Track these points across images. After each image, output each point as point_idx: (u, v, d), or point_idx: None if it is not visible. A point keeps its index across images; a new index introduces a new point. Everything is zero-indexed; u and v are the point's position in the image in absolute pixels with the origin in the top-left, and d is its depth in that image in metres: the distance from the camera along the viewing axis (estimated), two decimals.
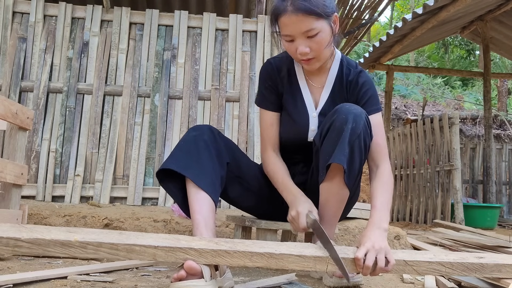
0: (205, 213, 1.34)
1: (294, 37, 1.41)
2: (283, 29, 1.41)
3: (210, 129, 1.46)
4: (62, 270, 1.38)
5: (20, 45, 2.97)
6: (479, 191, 6.61)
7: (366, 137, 1.36)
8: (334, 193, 1.40)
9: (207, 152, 1.40)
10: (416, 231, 3.80)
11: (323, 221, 1.44)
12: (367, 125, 1.37)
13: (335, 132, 1.34)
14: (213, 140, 1.43)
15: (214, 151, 1.42)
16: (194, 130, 1.44)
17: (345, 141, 1.32)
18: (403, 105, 10.90)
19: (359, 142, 1.34)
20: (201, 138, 1.41)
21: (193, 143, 1.40)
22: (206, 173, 1.38)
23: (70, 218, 2.18)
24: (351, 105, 1.40)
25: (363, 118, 1.35)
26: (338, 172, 1.36)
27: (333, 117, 1.37)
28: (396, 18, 16.13)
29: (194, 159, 1.38)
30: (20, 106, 1.63)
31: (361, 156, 1.36)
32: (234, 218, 1.74)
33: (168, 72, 3.06)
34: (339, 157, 1.31)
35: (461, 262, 1.21)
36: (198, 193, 1.35)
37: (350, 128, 1.32)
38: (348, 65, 1.58)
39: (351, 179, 1.37)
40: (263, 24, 3.17)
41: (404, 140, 5.67)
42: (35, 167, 2.83)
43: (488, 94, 6.45)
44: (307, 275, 1.59)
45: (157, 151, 2.95)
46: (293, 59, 1.58)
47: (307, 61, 1.44)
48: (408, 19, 5.24)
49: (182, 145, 1.40)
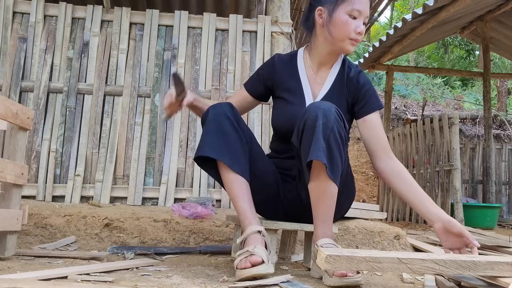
0: (247, 198, 1.47)
1: (360, 15, 1.52)
2: (356, 3, 1.51)
3: (230, 105, 1.53)
4: (62, 270, 1.38)
5: (21, 45, 2.97)
6: (479, 191, 6.61)
7: (340, 129, 1.39)
8: (322, 191, 1.42)
9: (232, 130, 1.47)
10: (416, 231, 3.80)
11: (319, 221, 1.45)
12: (338, 118, 1.40)
13: (309, 130, 1.38)
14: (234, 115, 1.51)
15: (238, 126, 1.50)
16: (215, 108, 1.50)
17: (318, 136, 1.35)
18: (403, 105, 10.90)
19: (334, 135, 1.37)
20: (224, 116, 1.48)
21: (219, 123, 1.47)
22: (238, 155, 1.46)
23: (70, 218, 2.19)
24: (320, 102, 1.45)
25: (333, 112, 1.38)
26: (320, 170, 1.39)
27: (304, 117, 1.41)
28: (396, 18, 16.14)
29: (224, 141, 1.45)
30: (20, 106, 1.63)
31: (340, 148, 1.39)
32: (234, 218, 1.75)
33: (168, 72, 3.06)
34: (316, 153, 1.34)
35: (454, 260, 1.23)
36: (236, 179, 1.45)
37: (322, 124, 1.36)
38: (349, 64, 1.67)
39: (335, 172, 1.39)
40: (263, 24, 3.17)
41: (403, 140, 5.68)
42: (35, 167, 2.83)
43: (487, 94, 6.46)
44: (307, 275, 1.59)
45: (157, 151, 2.96)
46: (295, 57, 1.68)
47: (356, 41, 1.55)
48: (408, 19, 5.25)
49: (210, 128, 1.47)
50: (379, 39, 6.19)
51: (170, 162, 2.92)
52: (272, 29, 3.16)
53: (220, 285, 1.32)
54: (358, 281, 1.37)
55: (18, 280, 1.10)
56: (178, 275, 1.46)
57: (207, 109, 1.52)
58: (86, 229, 2.16)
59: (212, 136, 1.45)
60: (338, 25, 1.53)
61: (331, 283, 1.38)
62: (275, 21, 3.17)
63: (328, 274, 1.40)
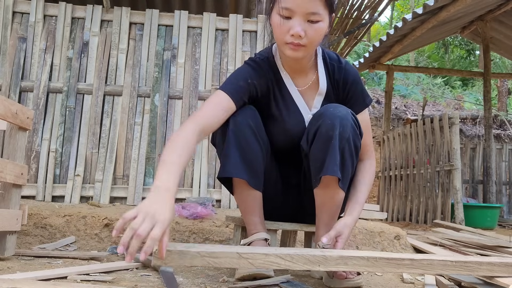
0: (258, 212, 1.44)
1: (293, 14, 1.24)
2: (286, 1, 1.24)
3: (253, 111, 1.42)
4: (62, 270, 1.38)
5: (20, 45, 2.97)
6: (479, 191, 6.61)
7: (355, 139, 1.33)
8: (329, 198, 1.40)
9: (254, 140, 1.38)
10: (416, 231, 3.80)
11: (322, 224, 1.44)
12: (355, 125, 1.33)
13: (323, 139, 1.31)
14: (256, 122, 1.40)
15: (259, 135, 1.40)
16: (236, 117, 1.37)
17: (335, 149, 1.29)
18: (403, 105, 10.90)
19: (349, 146, 1.31)
20: (247, 125, 1.37)
21: (241, 133, 1.36)
22: (256, 168, 1.39)
23: (70, 218, 2.18)
24: (336, 106, 1.35)
25: (349, 120, 1.31)
26: (331, 181, 1.34)
27: (319, 122, 1.32)
28: (396, 18, 16.14)
29: (244, 155, 1.36)
30: (20, 106, 1.63)
31: (353, 159, 1.35)
32: (233, 219, 1.74)
33: (168, 72, 3.06)
34: (332, 168, 1.29)
35: (302, 254, 1.13)
36: (251, 194, 1.41)
37: (338, 134, 1.28)
38: (330, 60, 1.47)
39: (345, 183, 1.37)
40: (263, 24, 3.17)
41: (404, 140, 5.67)
42: (35, 167, 2.83)
43: (488, 94, 6.45)
44: (308, 275, 1.58)
45: (157, 151, 2.95)
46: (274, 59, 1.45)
47: (296, 45, 1.27)
48: (408, 19, 5.24)
49: (232, 140, 1.36)
50: (379, 39, 6.19)
51: None
52: None
53: (220, 285, 1.32)
54: (358, 283, 1.37)
55: (17, 280, 1.09)
56: (178, 275, 1.46)
57: (228, 119, 1.36)
58: (85, 229, 2.16)
59: (234, 151, 1.35)
60: (273, 28, 1.32)
61: (332, 284, 1.37)
62: None
63: (329, 275, 1.40)
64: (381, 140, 6.53)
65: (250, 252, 1.10)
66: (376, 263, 1.15)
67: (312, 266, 1.12)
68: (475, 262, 1.19)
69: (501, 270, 1.20)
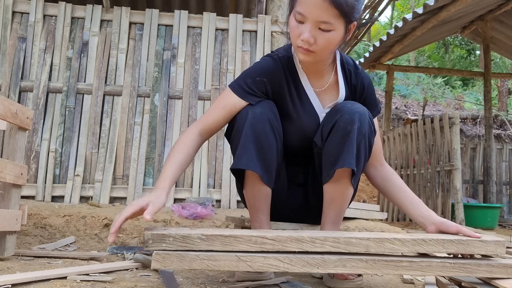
0: (266, 211, 1.43)
1: (305, 20, 1.27)
2: (300, 5, 1.27)
3: (271, 104, 1.40)
4: (62, 270, 1.38)
5: (20, 45, 2.97)
6: (480, 191, 6.60)
7: (370, 136, 1.35)
8: (340, 193, 1.39)
9: (272, 134, 1.36)
10: (417, 231, 3.79)
11: (328, 221, 1.43)
12: (370, 123, 1.36)
13: (340, 133, 1.31)
14: (275, 116, 1.39)
15: (277, 129, 1.39)
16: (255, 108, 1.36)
17: (353, 143, 1.30)
18: (403, 105, 10.90)
19: (365, 142, 1.33)
20: (266, 119, 1.35)
21: (260, 125, 1.34)
22: (271, 163, 1.37)
23: (70, 218, 2.18)
24: (353, 103, 1.37)
25: (367, 117, 1.34)
26: (345, 174, 1.35)
27: (336, 117, 1.34)
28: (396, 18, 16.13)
29: (261, 148, 1.35)
30: (19, 106, 1.62)
31: (366, 155, 1.36)
32: (233, 219, 1.74)
33: (168, 72, 3.06)
34: (349, 161, 1.29)
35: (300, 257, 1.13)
36: (262, 189, 1.39)
37: (356, 128, 1.30)
38: (347, 65, 1.50)
39: (357, 179, 1.39)
40: (263, 24, 3.17)
41: (404, 140, 5.67)
42: (35, 167, 2.83)
43: (488, 94, 6.45)
44: (308, 275, 1.58)
45: (157, 151, 2.95)
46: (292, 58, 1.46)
47: (305, 50, 1.30)
48: (409, 19, 5.24)
49: (248, 133, 1.34)
50: (380, 39, 6.18)
51: None
52: (272, 29, 3.16)
53: (220, 285, 1.32)
54: (359, 284, 1.36)
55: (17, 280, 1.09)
56: (178, 275, 1.46)
57: (246, 109, 1.37)
58: (85, 229, 2.16)
59: (251, 143, 1.33)
60: (289, 30, 1.34)
61: (332, 285, 1.37)
62: (275, 21, 3.17)
63: (329, 275, 1.39)
64: (381, 140, 6.53)
65: (250, 255, 1.10)
66: (375, 265, 1.15)
67: (311, 269, 1.13)
68: (474, 263, 1.19)
69: (500, 271, 1.19)
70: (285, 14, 3.20)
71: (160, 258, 1.08)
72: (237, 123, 1.38)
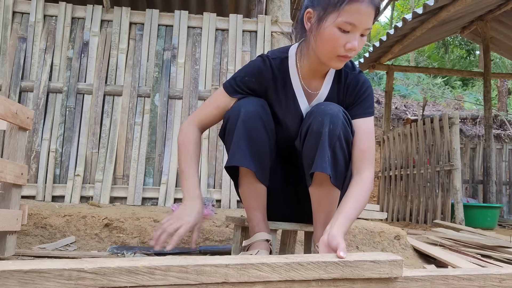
0: (262, 208, 1.45)
1: (354, 29, 1.24)
2: (350, 16, 1.22)
3: (263, 102, 1.42)
4: None
5: (20, 45, 2.97)
6: (479, 191, 6.61)
7: (346, 136, 1.32)
8: (325, 196, 1.39)
9: (264, 132, 1.37)
10: (416, 231, 3.80)
11: (319, 223, 1.43)
12: (346, 123, 1.32)
13: (313, 136, 1.31)
14: (266, 114, 1.40)
15: (269, 127, 1.39)
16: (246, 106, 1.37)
17: (324, 145, 1.28)
18: (403, 105, 10.91)
19: (340, 143, 1.30)
20: (258, 116, 1.36)
21: (251, 123, 1.35)
22: (264, 160, 1.39)
23: (70, 218, 2.18)
24: (326, 104, 1.35)
25: (340, 117, 1.30)
26: (324, 178, 1.33)
27: (310, 120, 1.33)
28: (396, 18, 16.14)
29: (253, 145, 1.36)
30: (20, 106, 1.63)
31: (345, 155, 1.33)
32: (233, 219, 1.74)
33: (168, 72, 3.06)
34: (321, 165, 1.28)
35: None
36: (256, 187, 1.41)
37: (328, 131, 1.28)
38: (345, 67, 1.46)
39: (339, 179, 1.35)
40: (263, 24, 3.17)
41: (404, 140, 5.67)
42: (35, 167, 2.83)
43: (488, 94, 6.46)
44: None
45: (157, 151, 2.95)
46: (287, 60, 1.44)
47: (346, 58, 1.29)
48: (408, 19, 5.24)
49: (241, 130, 1.35)
50: (379, 39, 6.19)
51: (170, 162, 2.92)
52: (272, 29, 3.16)
53: None
54: None
55: None
56: None
57: (238, 106, 1.39)
58: (86, 229, 2.16)
59: (244, 141, 1.35)
60: (324, 38, 1.27)
61: None
62: (275, 21, 3.17)
63: None
64: (381, 140, 6.53)
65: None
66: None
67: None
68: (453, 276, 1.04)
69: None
70: (285, 14, 3.20)
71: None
72: (230, 122, 1.40)
